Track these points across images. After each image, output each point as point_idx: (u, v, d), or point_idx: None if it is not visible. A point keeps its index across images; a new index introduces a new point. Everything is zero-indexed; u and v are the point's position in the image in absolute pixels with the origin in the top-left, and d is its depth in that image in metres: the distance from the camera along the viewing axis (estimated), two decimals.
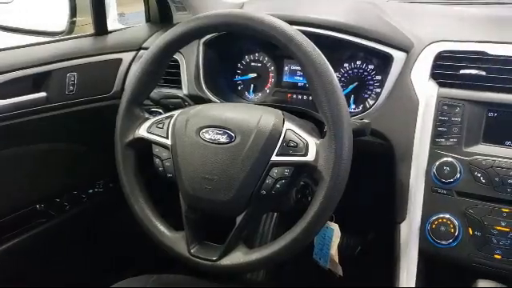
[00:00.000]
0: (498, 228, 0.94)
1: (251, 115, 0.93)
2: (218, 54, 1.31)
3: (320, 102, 0.86)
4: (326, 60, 0.87)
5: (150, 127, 1.01)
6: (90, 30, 1.45)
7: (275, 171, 0.89)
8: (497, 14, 1.19)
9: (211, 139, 0.92)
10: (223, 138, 0.92)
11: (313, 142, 0.88)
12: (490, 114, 0.98)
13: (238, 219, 0.92)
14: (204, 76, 1.27)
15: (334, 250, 1.14)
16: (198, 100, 1.22)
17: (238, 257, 0.93)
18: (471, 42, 1.04)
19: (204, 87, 1.26)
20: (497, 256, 0.94)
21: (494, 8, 1.30)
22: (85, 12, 1.47)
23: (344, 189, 0.86)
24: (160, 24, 1.57)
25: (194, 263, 0.96)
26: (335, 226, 1.13)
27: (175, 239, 0.99)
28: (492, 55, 1.00)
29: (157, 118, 1.02)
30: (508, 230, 0.93)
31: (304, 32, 0.89)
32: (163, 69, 1.04)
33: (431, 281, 1.05)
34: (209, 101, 1.24)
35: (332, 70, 0.87)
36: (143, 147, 1.02)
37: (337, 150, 0.84)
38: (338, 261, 1.16)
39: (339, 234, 1.13)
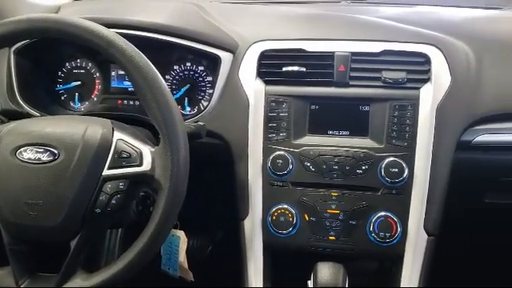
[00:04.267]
0: (330, 211, 1.02)
1: (75, 128, 0.86)
2: (33, 63, 1.19)
3: (150, 108, 0.83)
4: (150, 64, 0.84)
5: None
6: None
7: (109, 186, 0.84)
8: (313, 12, 1.29)
9: (31, 159, 0.83)
10: (45, 157, 0.83)
11: (147, 151, 0.85)
12: (313, 107, 1.05)
13: (73, 244, 0.84)
14: (18, 88, 1.14)
15: (182, 257, 1.12)
16: (14, 115, 1.09)
17: (77, 284, 0.85)
18: (291, 40, 1.10)
19: (19, 100, 1.14)
20: (331, 237, 1.02)
21: (310, 6, 1.40)
22: None
23: (185, 195, 0.84)
24: None
25: None
26: (181, 233, 1.11)
27: (0, 276, 0.87)
28: (309, 52, 1.07)
29: None
30: (338, 211, 1.01)
31: (125, 35, 0.85)
32: None
33: (277, 270, 1.10)
34: (27, 115, 1.12)
35: (158, 74, 0.84)
36: None
37: (173, 156, 0.82)
38: (187, 267, 1.15)
39: (186, 240, 1.12)
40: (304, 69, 1.05)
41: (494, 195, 1.15)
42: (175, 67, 1.20)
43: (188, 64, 1.20)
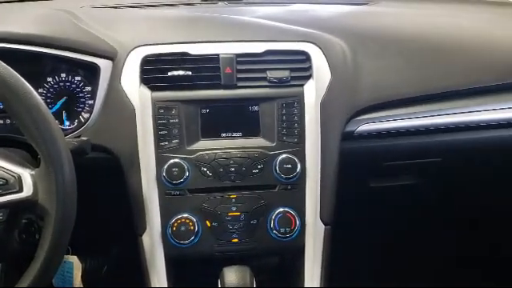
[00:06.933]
0: (231, 214, 1.01)
1: None
2: None
3: (26, 127, 0.77)
4: (21, 78, 0.77)
5: None
6: None
7: None
8: (194, 14, 1.26)
9: None
10: None
11: (27, 174, 0.78)
12: (204, 111, 1.03)
13: None
14: None
15: (77, 283, 1.04)
16: None
17: None
18: (173, 43, 1.07)
19: None
20: (234, 240, 1.01)
21: (188, 8, 1.37)
22: None
23: (74, 218, 0.78)
24: None
25: None
26: (74, 259, 1.04)
27: None
28: (194, 55, 1.05)
29: None
30: (239, 213, 1.01)
31: None
32: None
33: (183, 281, 1.07)
34: None
35: (31, 88, 0.77)
36: None
37: (57, 177, 0.76)
38: None
39: (80, 265, 1.04)
40: (190, 72, 1.03)
41: (377, 179, 1.24)
42: (49, 79, 1.11)
43: (63, 75, 1.11)
